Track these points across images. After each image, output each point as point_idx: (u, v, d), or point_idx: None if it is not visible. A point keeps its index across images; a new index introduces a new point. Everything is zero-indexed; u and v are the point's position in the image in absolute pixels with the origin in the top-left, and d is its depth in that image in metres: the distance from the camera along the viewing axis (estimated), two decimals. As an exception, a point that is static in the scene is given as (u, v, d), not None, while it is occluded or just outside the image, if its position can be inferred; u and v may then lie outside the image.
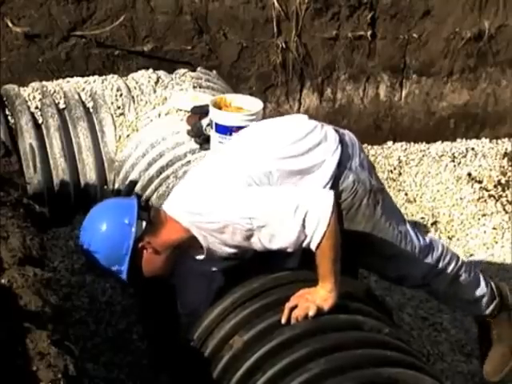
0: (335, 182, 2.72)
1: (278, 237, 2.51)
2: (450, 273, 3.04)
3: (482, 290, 3.14)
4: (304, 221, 2.47)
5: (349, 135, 2.85)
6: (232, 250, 2.63)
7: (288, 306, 2.49)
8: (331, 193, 2.55)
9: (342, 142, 2.76)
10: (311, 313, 2.47)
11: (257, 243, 2.56)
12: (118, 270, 2.58)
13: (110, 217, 2.60)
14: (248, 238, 2.54)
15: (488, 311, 3.16)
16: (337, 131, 2.80)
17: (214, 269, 2.76)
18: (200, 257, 2.65)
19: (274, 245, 2.54)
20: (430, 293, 3.25)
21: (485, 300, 3.15)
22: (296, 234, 2.49)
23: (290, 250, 2.56)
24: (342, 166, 2.73)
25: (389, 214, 2.87)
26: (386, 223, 2.85)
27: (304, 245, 2.52)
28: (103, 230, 2.57)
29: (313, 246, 2.50)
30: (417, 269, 2.98)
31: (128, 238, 2.55)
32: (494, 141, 5.48)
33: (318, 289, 2.53)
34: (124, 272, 2.58)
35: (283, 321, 2.47)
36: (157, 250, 2.58)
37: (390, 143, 5.31)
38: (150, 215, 2.61)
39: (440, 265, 3.02)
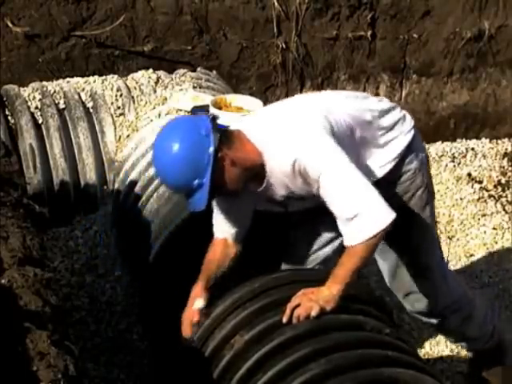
0: (400, 162, 2.78)
1: (332, 205, 2.50)
2: (467, 311, 3.10)
3: (486, 329, 3.20)
4: (362, 213, 2.44)
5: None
6: (285, 193, 2.64)
7: (291, 304, 2.49)
8: (394, 214, 2.50)
9: (415, 128, 2.84)
10: (314, 313, 2.46)
11: (313, 192, 2.55)
12: (198, 184, 2.47)
13: (185, 131, 2.52)
14: (308, 185, 2.54)
15: (481, 347, 3.23)
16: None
17: (257, 206, 2.77)
18: (257, 188, 2.63)
19: (329, 206, 2.53)
20: (440, 325, 3.19)
21: (484, 339, 3.21)
22: (347, 216, 2.46)
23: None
24: (410, 149, 2.79)
25: (433, 223, 2.96)
26: (429, 228, 2.92)
27: (345, 232, 2.50)
28: (181, 144, 2.47)
29: (348, 242, 2.49)
30: (441, 296, 3.01)
31: (208, 147, 2.46)
32: (494, 141, 5.48)
33: (324, 289, 2.52)
34: (206, 185, 2.47)
35: (284, 320, 2.46)
36: (234, 162, 2.52)
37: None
38: (223, 130, 2.56)
39: (462, 300, 3.08)
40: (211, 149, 2.46)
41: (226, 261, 2.78)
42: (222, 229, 2.78)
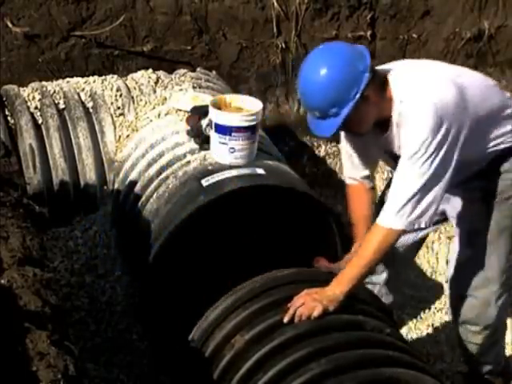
0: (505, 158, 2.82)
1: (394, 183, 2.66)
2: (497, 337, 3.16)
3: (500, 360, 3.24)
4: (424, 193, 2.56)
5: None
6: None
7: (294, 303, 2.49)
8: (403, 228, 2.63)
9: None
10: (316, 313, 2.47)
11: None
12: (335, 112, 2.58)
13: (347, 59, 2.58)
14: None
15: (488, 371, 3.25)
16: None
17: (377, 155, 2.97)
18: (381, 136, 2.74)
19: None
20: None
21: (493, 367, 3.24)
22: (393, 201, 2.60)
23: None
24: None
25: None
26: (510, 240, 2.92)
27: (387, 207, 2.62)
28: (336, 69, 2.55)
29: (381, 220, 2.61)
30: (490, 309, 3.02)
31: (360, 83, 2.55)
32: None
33: (328, 290, 2.54)
34: (341, 117, 2.58)
35: (286, 319, 2.47)
36: (373, 105, 2.62)
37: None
38: (374, 69, 2.65)
39: (500, 327, 3.14)
40: (362, 86, 2.55)
41: (368, 203, 3.02)
42: (353, 174, 3.00)
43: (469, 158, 2.72)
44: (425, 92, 2.61)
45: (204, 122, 3.33)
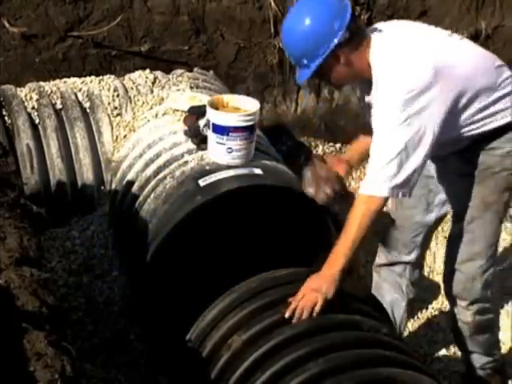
0: (497, 135, 2.83)
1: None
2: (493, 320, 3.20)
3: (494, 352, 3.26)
4: (401, 159, 2.59)
5: None
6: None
7: (295, 298, 2.52)
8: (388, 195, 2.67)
9: None
10: (318, 305, 2.50)
11: None
12: (306, 64, 2.66)
13: (324, 13, 2.63)
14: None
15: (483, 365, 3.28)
16: None
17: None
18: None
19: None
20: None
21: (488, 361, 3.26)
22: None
23: None
24: None
25: (502, 214, 2.97)
26: (497, 215, 2.94)
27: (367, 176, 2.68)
28: (311, 21, 2.61)
29: (362, 188, 2.66)
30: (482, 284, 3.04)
31: (330, 41, 2.60)
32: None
33: (322, 273, 2.60)
34: (311, 70, 2.65)
35: (287, 314, 2.49)
36: (346, 63, 2.66)
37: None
38: (355, 28, 2.67)
39: (493, 307, 3.16)
40: (332, 45, 2.60)
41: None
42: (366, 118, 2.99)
43: (454, 134, 2.77)
44: (397, 75, 2.62)
45: (201, 122, 3.33)
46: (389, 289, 3.35)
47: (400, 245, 3.27)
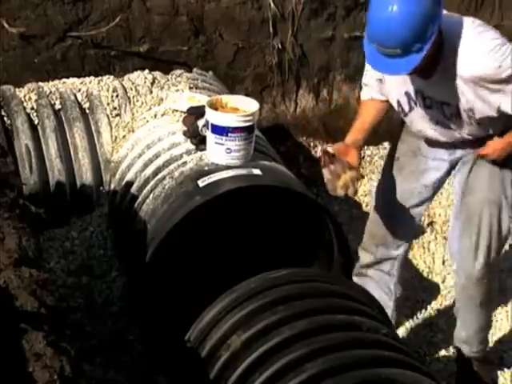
0: None
1: None
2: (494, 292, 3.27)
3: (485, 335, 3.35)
4: None
5: None
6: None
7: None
8: None
9: None
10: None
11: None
12: (419, 47, 2.60)
13: None
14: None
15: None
16: None
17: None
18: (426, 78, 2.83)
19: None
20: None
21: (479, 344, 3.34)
22: None
23: None
24: None
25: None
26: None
27: None
28: (416, 2, 2.57)
29: None
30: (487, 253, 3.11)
31: (438, 17, 2.61)
32: (491, 141, 5.48)
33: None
34: (424, 52, 2.61)
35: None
36: (436, 45, 2.68)
37: (386, 144, 5.30)
38: None
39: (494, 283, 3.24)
40: (439, 20, 2.62)
41: (380, 114, 3.12)
42: (373, 93, 3.10)
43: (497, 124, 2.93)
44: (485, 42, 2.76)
45: (200, 123, 3.33)
46: (375, 288, 3.35)
47: (389, 238, 3.29)
